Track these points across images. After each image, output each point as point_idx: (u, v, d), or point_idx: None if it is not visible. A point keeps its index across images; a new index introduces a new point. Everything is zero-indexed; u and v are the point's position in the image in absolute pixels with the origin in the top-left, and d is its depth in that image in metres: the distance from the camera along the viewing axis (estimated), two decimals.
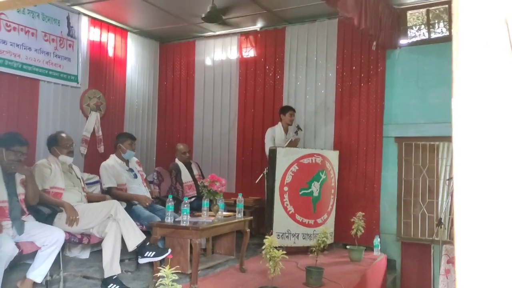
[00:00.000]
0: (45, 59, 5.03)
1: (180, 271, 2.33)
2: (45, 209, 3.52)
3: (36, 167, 3.65)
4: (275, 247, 3.28)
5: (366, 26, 4.21)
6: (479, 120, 0.48)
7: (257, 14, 5.74)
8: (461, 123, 0.50)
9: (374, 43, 4.86)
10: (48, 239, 3.15)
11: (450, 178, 4.70)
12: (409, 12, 5.61)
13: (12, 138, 3.28)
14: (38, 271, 3.14)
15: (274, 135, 5.36)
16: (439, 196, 5.26)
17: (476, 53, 0.48)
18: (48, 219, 3.48)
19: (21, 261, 3.78)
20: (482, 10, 0.46)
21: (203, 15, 5.15)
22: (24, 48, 4.80)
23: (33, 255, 3.23)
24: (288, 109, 5.45)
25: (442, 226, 4.46)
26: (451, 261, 4.44)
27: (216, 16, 5.10)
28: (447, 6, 5.40)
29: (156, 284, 2.28)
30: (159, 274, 2.29)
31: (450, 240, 4.62)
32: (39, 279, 3.16)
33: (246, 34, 6.33)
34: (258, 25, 6.19)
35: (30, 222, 3.27)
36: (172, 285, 2.25)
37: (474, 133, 0.49)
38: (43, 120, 5.06)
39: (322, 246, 3.88)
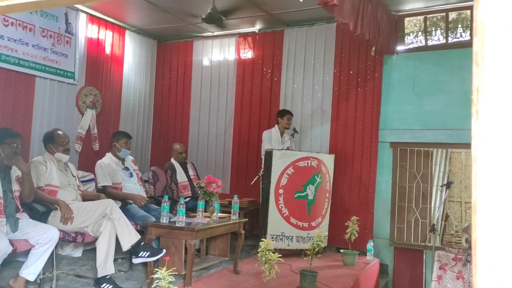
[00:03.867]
0: (42, 55, 4.99)
1: (175, 273, 2.32)
2: (40, 206, 3.48)
3: (31, 164, 3.63)
4: (270, 250, 3.29)
5: (362, 32, 4.23)
6: (503, 144, 0.49)
7: (256, 16, 5.75)
8: (483, 147, 0.51)
9: (373, 48, 4.89)
10: (42, 237, 3.13)
11: (444, 185, 4.74)
12: (406, 19, 5.65)
13: (2, 133, 3.24)
14: (31, 269, 3.12)
15: (271, 137, 5.37)
16: (432, 202, 5.31)
17: (503, 79, 0.48)
18: (42, 217, 3.46)
19: (13, 258, 3.75)
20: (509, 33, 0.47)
21: (203, 16, 5.14)
22: (21, 44, 4.76)
23: (26, 252, 3.21)
24: (286, 113, 5.46)
25: (435, 232, 4.50)
26: (443, 267, 4.49)
27: (217, 18, 5.09)
28: (444, 14, 5.45)
29: (153, 286, 2.27)
30: (155, 276, 2.29)
31: (443, 246, 4.66)
32: (32, 277, 3.14)
33: (244, 35, 6.34)
34: (257, 27, 6.20)
35: (24, 219, 3.24)
36: (168, 287, 2.25)
37: (498, 156, 0.50)
38: (38, 117, 5.02)
39: (316, 249, 3.89)
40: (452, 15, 5.44)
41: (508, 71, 0.50)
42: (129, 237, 3.47)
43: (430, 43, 5.60)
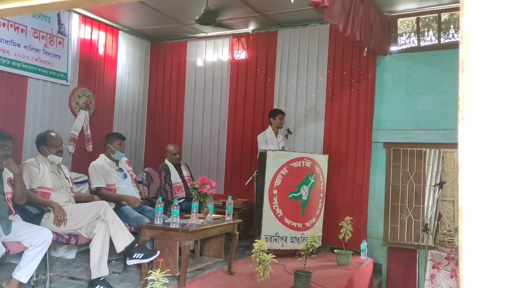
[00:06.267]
0: (34, 56, 4.96)
1: (169, 274, 2.32)
2: (33, 208, 3.47)
3: (24, 166, 3.61)
4: (264, 251, 3.30)
5: (352, 33, 4.24)
6: (489, 152, 0.50)
7: (249, 17, 5.76)
8: (469, 153, 0.52)
9: (366, 49, 4.90)
10: (35, 239, 3.11)
11: (437, 184, 4.77)
12: (399, 20, 5.69)
13: None
14: (24, 271, 3.10)
15: (267, 140, 5.37)
16: (425, 202, 5.34)
17: (487, 87, 0.50)
18: (35, 219, 3.44)
19: (6, 261, 3.73)
20: (495, 42, 0.48)
21: (196, 18, 5.13)
22: (13, 45, 4.73)
23: (19, 254, 3.19)
24: (278, 113, 5.47)
25: (428, 231, 4.53)
26: (436, 266, 4.52)
27: (210, 19, 5.09)
28: (436, 15, 5.49)
29: None
30: (149, 277, 2.29)
31: (435, 246, 4.69)
32: (25, 280, 3.13)
33: (238, 36, 6.34)
34: (251, 27, 6.20)
35: (17, 221, 3.23)
36: None
37: (483, 162, 0.52)
38: (31, 118, 4.99)
39: (310, 250, 3.91)
40: (444, 16, 5.48)
41: (491, 79, 0.51)
42: (123, 238, 3.46)
43: (422, 43, 5.63)
